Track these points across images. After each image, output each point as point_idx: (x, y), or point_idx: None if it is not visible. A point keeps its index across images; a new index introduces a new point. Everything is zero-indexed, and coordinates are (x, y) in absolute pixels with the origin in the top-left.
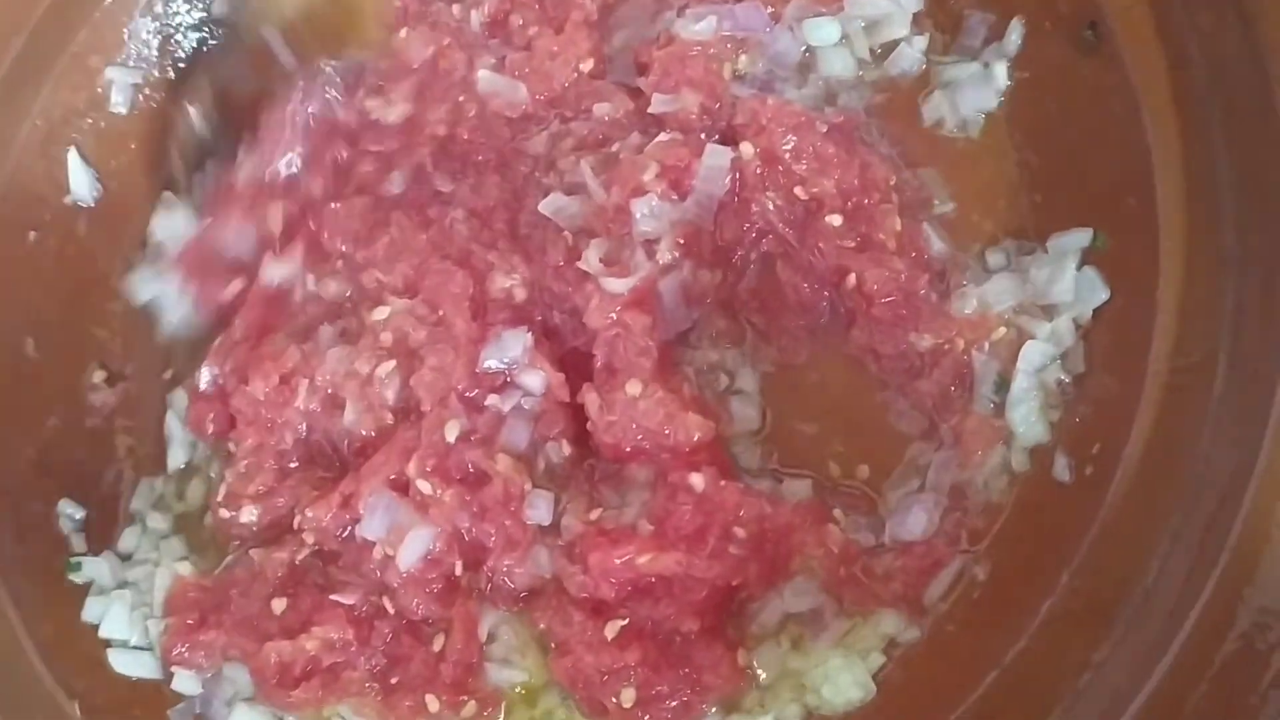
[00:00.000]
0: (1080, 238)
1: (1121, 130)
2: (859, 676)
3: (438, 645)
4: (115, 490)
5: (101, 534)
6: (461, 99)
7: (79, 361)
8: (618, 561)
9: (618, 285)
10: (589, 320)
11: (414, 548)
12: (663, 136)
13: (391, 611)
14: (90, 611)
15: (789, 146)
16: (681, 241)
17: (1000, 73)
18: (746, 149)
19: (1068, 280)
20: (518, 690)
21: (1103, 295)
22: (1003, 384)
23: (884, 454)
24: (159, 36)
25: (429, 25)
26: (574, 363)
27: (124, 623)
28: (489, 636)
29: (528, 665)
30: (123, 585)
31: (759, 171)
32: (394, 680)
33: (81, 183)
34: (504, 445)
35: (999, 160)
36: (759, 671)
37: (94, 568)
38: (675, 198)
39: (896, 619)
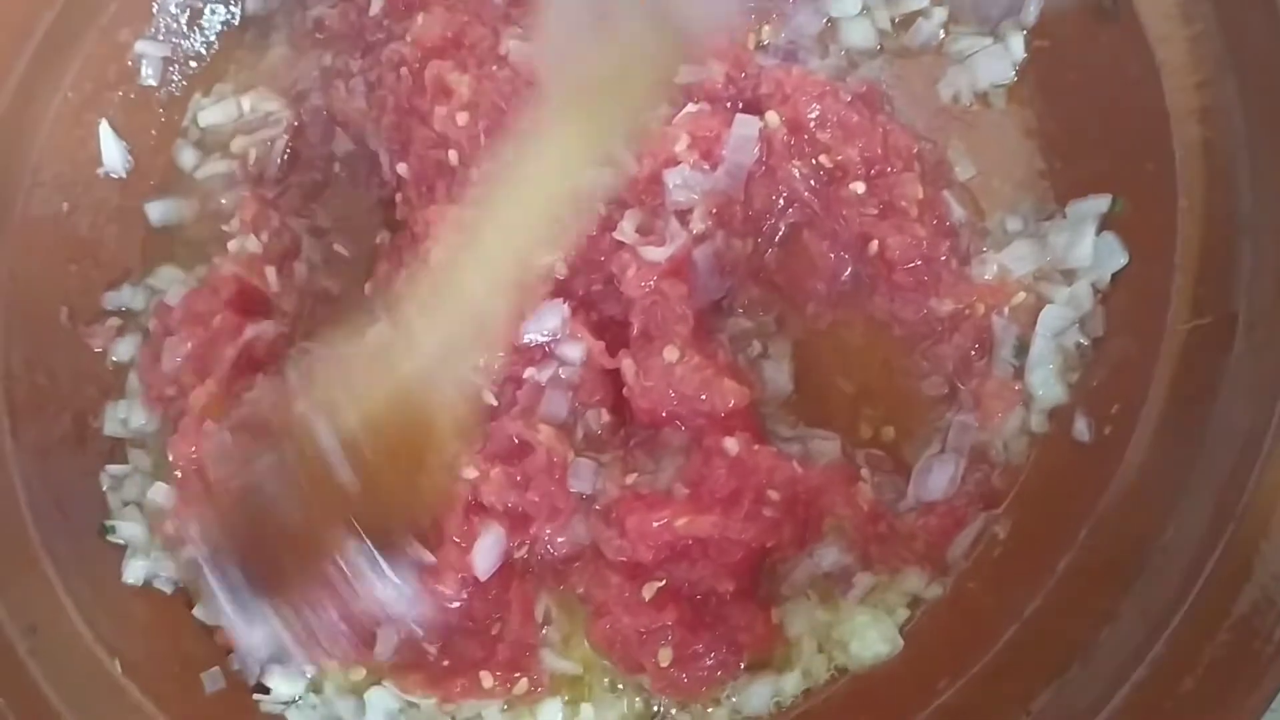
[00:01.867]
0: (1099, 203)
1: (1139, 96)
2: (886, 632)
3: (495, 630)
4: None
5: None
6: (495, 68)
7: (111, 330)
8: (655, 525)
9: (656, 254)
10: (626, 289)
11: (490, 552)
12: (691, 107)
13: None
14: (130, 573)
15: (814, 115)
16: (714, 211)
17: (1016, 45)
18: (773, 118)
19: (1086, 245)
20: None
21: (1121, 260)
22: (1022, 348)
23: (909, 417)
24: (187, 10)
25: (445, 6)
26: (607, 330)
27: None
28: (545, 617)
29: (580, 657)
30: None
31: (786, 140)
32: (445, 664)
33: (113, 154)
34: (545, 416)
35: (1018, 128)
36: (788, 629)
37: (128, 529)
38: (707, 168)
39: (920, 576)
